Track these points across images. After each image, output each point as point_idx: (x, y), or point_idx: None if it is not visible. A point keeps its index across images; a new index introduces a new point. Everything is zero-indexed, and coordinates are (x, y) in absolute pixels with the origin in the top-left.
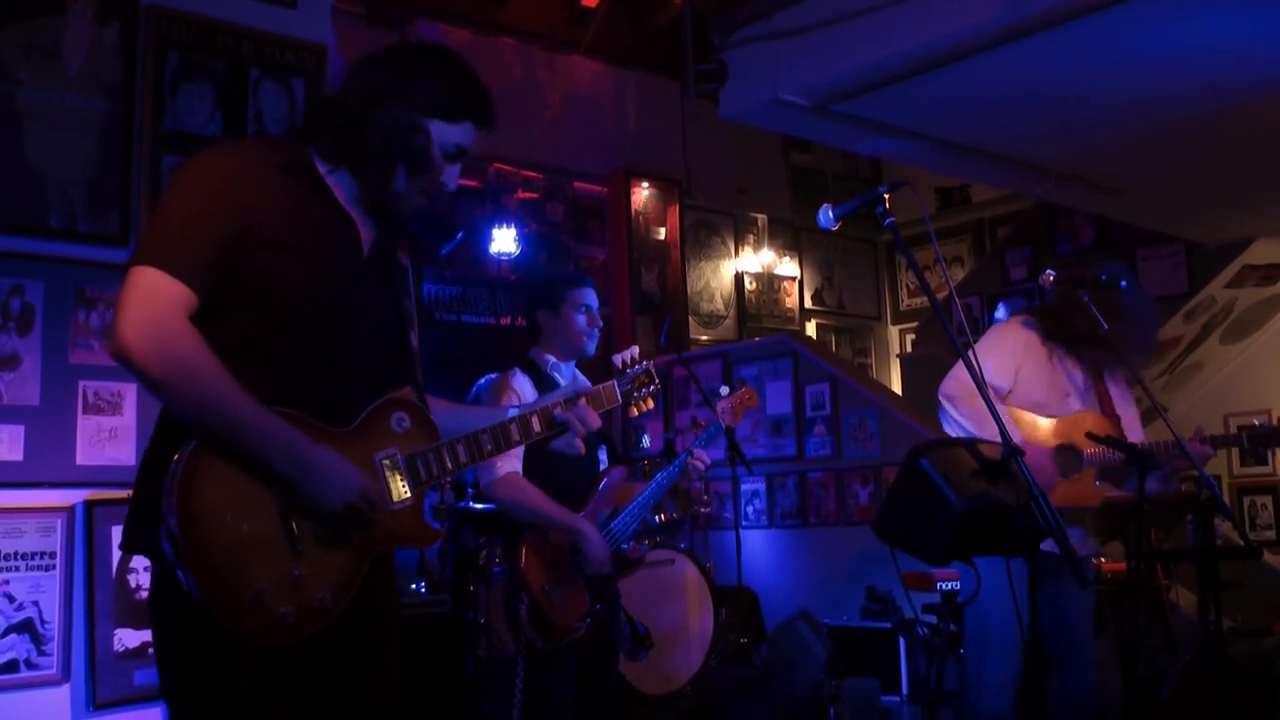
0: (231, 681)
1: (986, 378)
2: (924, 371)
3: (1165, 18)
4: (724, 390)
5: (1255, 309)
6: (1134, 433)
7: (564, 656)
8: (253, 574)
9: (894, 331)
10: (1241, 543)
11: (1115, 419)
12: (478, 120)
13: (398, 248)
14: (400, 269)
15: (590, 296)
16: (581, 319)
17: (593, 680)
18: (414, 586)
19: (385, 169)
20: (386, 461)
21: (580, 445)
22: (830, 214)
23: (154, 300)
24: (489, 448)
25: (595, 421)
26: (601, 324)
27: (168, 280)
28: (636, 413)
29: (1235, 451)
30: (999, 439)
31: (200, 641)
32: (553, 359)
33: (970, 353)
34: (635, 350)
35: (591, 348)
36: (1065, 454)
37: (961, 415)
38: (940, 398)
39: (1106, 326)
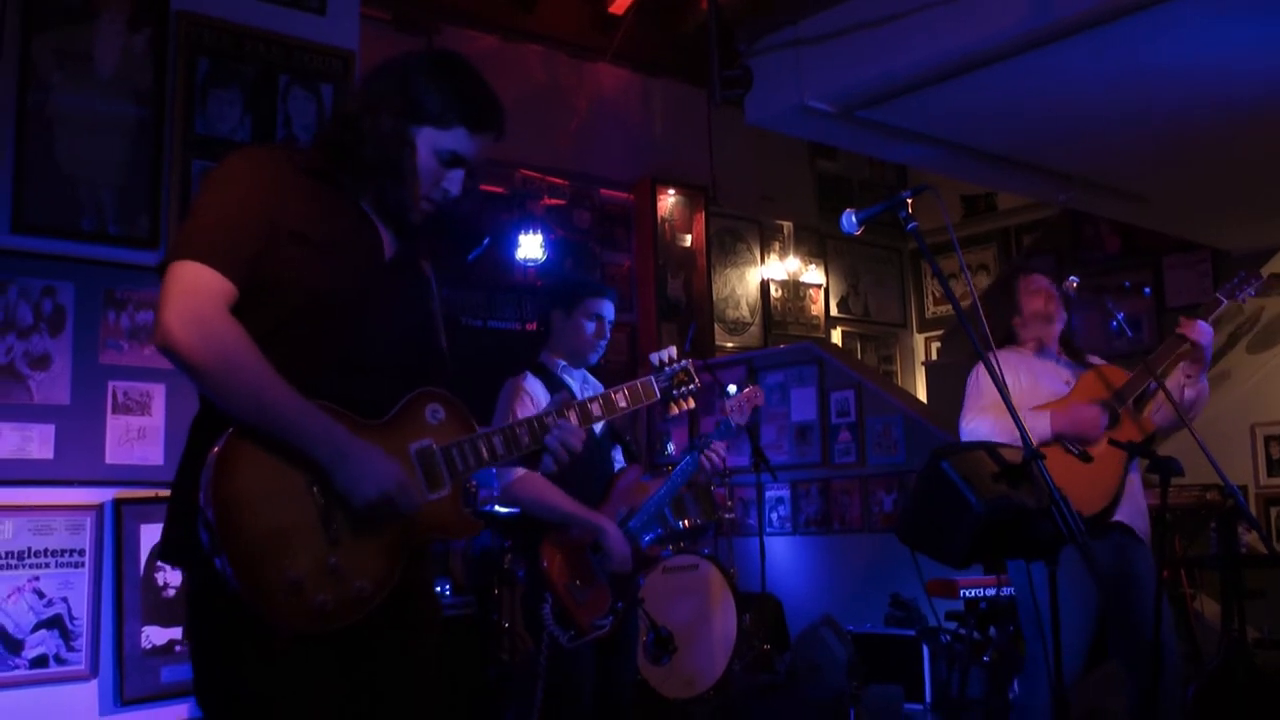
0: (271, 677)
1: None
2: (949, 379)
3: (1188, 24)
4: (731, 389)
5: None
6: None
7: (584, 657)
8: (288, 561)
9: (919, 339)
10: (1266, 551)
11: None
12: (471, 125)
13: (420, 257)
14: (424, 279)
15: (606, 308)
16: (591, 327)
17: (610, 681)
18: (437, 589)
19: (375, 178)
20: (422, 452)
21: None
22: (853, 218)
23: (196, 292)
24: (525, 440)
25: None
26: (609, 337)
27: (208, 273)
28: (676, 410)
29: (1262, 461)
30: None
31: (239, 637)
32: (562, 362)
33: (979, 368)
34: (673, 350)
35: (595, 358)
36: (1106, 403)
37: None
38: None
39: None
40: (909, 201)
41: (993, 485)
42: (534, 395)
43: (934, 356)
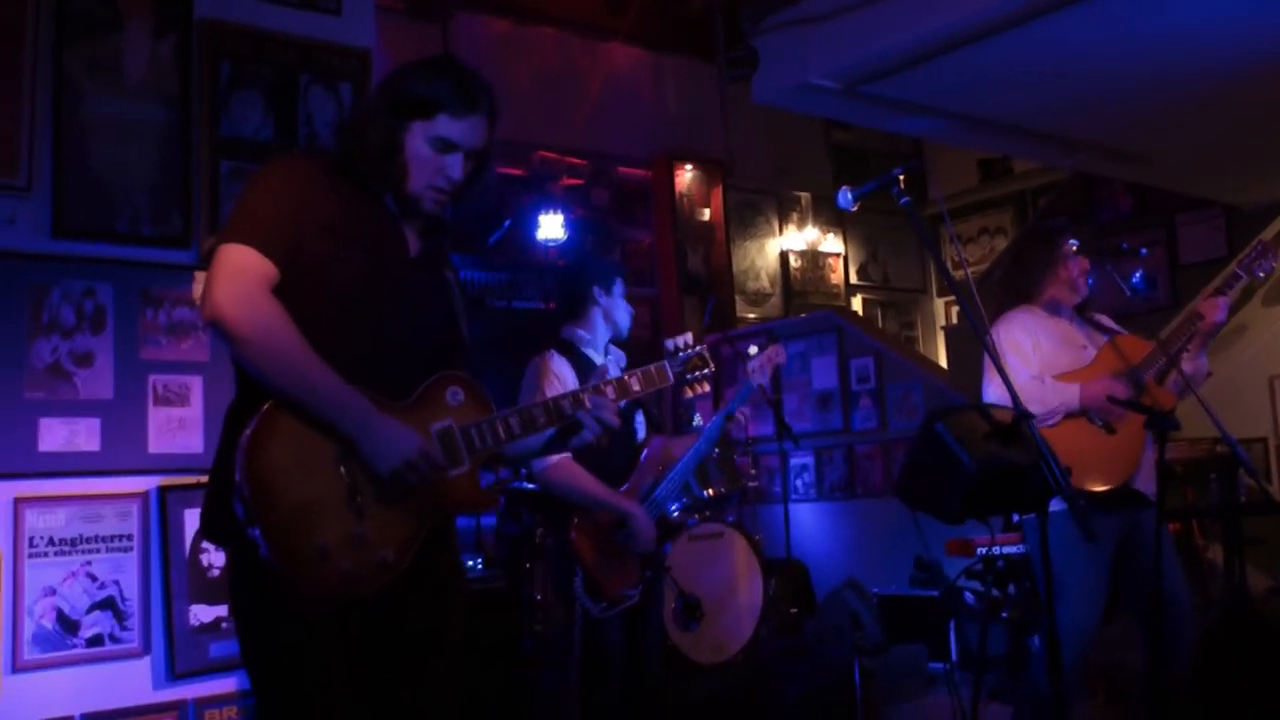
0: (302, 640)
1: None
2: (968, 343)
3: None
4: (752, 350)
5: None
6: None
7: (613, 626)
8: (316, 531)
9: (939, 304)
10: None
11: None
12: (453, 110)
13: (443, 258)
14: (446, 279)
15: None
16: (626, 303)
17: (639, 649)
18: (470, 563)
19: (381, 179)
20: (442, 432)
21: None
22: (849, 195)
23: (243, 271)
24: (541, 420)
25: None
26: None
27: (253, 254)
28: (690, 394)
29: None
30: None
31: (273, 603)
32: (587, 336)
33: (998, 335)
34: (689, 336)
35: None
36: (1125, 375)
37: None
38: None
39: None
40: (901, 179)
41: (984, 444)
42: (561, 375)
43: (954, 321)
